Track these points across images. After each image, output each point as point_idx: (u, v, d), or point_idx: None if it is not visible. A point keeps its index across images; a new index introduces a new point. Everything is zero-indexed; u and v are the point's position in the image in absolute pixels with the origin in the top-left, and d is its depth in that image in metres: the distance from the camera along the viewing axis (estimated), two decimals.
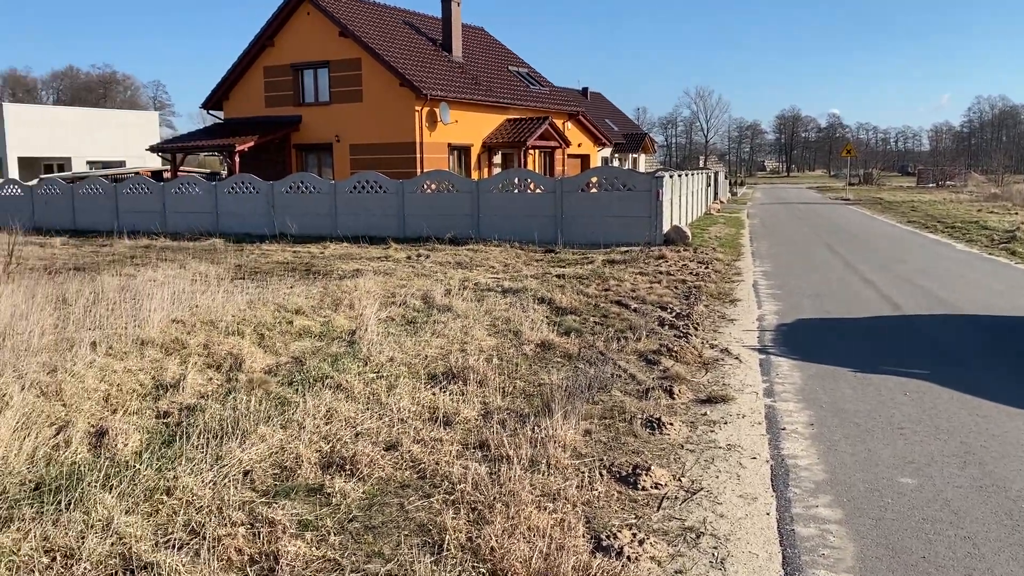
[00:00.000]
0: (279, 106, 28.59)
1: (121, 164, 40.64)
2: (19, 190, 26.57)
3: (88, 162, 41.15)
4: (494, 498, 4.66)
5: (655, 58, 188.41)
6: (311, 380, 6.93)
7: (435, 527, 4.38)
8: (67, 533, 4.13)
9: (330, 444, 5.50)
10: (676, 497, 4.91)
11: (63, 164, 40.77)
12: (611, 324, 9.73)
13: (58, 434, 5.52)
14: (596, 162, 37.43)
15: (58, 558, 3.95)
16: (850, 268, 15.20)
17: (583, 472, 5.16)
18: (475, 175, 27.77)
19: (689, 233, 19.30)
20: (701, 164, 74.92)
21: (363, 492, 4.84)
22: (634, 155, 52.84)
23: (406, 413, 6.18)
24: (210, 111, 30.64)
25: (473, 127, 28.70)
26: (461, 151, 28.54)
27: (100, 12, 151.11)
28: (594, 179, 19.73)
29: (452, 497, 4.74)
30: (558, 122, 32.07)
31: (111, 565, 3.92)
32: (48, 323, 8.52)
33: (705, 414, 6.51)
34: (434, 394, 6.62)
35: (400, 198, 20.75)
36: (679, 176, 22.70)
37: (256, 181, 22.62)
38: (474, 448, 5.56)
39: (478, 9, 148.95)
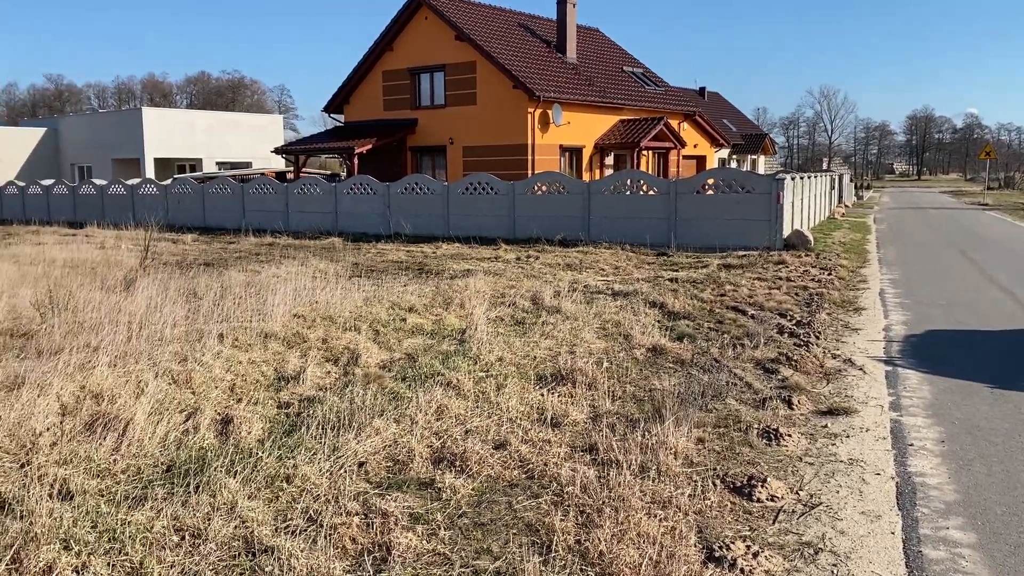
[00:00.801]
0: (396, 109, 29.34)
1: (248, 165, 42.63)
2: (155, 189, 28.28)
3: (217, 163, 43.36)
4: (603, 502, 4.61)
5: (777, 57, 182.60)
6: (423, 376, 7.06)
7: (543, 528, 4.37)
8: (195, 514, 4.35)
9: (441, 440, 5.58)
10: (793, 511, 4.72)
11: (195, 165, 43.12)
12: (726, 330, 9.47)
13: (187, 420, 5.83)
14: (712, 163, 36.62)
15: (187, 537, 4.16)
16: (986, 277, 14.27)
17: (695, 481, 5.04)
18: (586, 176, 27.66)
19: (811, 238, 18.57)
20: (824, 166, 71.89)
21: (472, 489, 4.89)
22: (753, 156, 51.40)
23: (515, 413, 6.20)
24: (331, 114, 31.82)
25: (585, 128, 28.60)
26: (573, 152, 28.49)
27: (231, 20, 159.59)
28: (710, 181, 19.25)
29: (560, 499, 4.72)
30: (673, 123, 31.55)
31: (234, 547, 4.10)
32: (179, 315, 9.02)
33: (826, 426, 6.24)
34: (542, 395, 6.62)
35: (511, 199, 20.90)
36: (801, 178, 21.90)
37: (373, 182, 23.27)
38: (583, 451, 5.52)
39: (594, 10, 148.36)
